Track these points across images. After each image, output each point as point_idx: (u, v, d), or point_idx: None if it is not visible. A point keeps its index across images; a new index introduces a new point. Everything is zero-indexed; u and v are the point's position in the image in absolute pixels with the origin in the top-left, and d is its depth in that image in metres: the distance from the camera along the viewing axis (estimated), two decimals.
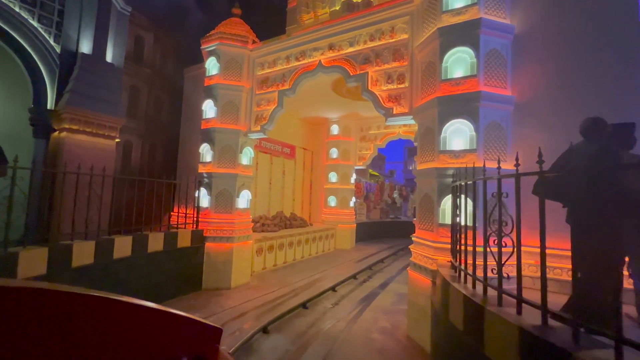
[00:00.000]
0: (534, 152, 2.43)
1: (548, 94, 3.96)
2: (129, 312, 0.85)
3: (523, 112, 4.01)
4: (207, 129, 6.68)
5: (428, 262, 4.07)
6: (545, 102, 3.96)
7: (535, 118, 3.99)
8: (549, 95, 3.95)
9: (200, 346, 0.96)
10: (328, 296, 6.15)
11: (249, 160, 7.03)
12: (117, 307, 0.84)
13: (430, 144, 4.29)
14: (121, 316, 0.84)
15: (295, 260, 9.08)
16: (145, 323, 0.88)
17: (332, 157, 11.99)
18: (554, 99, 3.92)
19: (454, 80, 4.07)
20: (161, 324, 0.91)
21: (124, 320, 0.84)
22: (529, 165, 2.50)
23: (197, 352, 0.94)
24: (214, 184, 6.49)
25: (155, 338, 0.89)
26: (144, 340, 0.87)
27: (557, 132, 3.85)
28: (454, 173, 3.92)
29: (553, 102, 3.93)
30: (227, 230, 6.41)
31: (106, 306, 0.82)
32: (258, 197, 9.79)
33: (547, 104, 3.95)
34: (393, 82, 5.13)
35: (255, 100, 6.81)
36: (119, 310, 0.84)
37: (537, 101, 4.00)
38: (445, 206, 4.02)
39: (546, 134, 3.90)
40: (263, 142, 10.04)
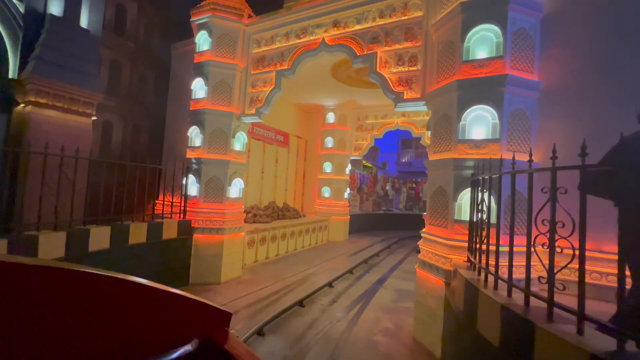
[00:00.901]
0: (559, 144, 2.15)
1: (577, 82, 3.61)
2: (142, 293, 0.87)
3: (548, 101, 3.67)
4: (197, 110, 6.10)
5: (440, 261, 3.74)
6: (574, 90, 3.61)
7: (562, 107, 3.66)
8: (577, 82, 3.61)
9: (211, 329, 0.97)
10: (325, 292, 5.81)
11: (242, 146, 6.51)
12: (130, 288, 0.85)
13: (446, 132, 3.91)
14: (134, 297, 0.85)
15: (288, 252, 8.70)
16: (157, 304, 0.89)
17: (327, 147, 11.55)
18: (583, 86, 3.58)
19: (477, 61, 3.67)
20: (173, 306, 0.92)
21: (137, 301, 0.85)
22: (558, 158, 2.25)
23: (208, 335, 0.95)
24: (203, 171, 5.96)
25: (167, 319, 0.90)
26: (156, 321, 0.88)
27: (586, 123, 3.53)
28: (474, 165, 3.57)
29: (582, 91, 3.59)
30: (217, 221, 5.94)
31: (120, 287, 0.83)
32: (250, 186, 9.29)
33: (576, 92, 3.61)
34: (404, 64, 4.70)
35: (250, 81, 6.26)
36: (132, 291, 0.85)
37: (564, 89, 3.65)
38: (462, 201, 3.67)
39: (574, 125, 3.57)
40: (256, 128, 9.49)
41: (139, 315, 0.86)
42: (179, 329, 0.92)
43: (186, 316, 0.95)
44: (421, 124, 10.64)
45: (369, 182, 17.03)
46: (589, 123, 3.50)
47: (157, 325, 0.88)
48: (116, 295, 0.82)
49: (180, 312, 0.94)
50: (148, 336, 0.86)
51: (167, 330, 0.90)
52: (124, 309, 0.83)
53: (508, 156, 3.46)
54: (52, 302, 0.72)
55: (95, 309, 0.78)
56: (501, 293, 2.37)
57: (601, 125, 3.44)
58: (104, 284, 0.81)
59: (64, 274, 0.75)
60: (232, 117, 6.10)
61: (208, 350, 0.94)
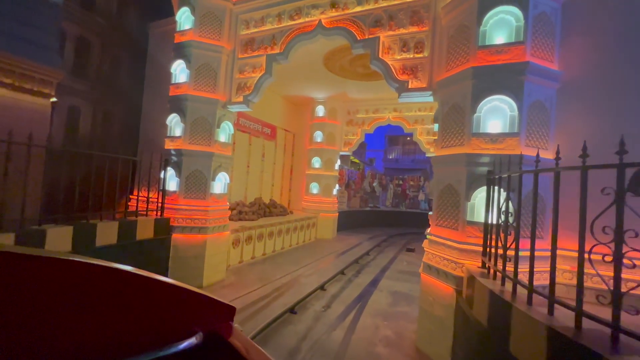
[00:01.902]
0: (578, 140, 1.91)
1: (598, 73, 3.35)
2: (149, 286, 0.87)
3: (567, 93, 3.39)
4: (177, 96, 5.49)
5: (450, 266, 3.41)
6: (595, 82, 3.35)
7: (581, 100, 3.39)
8: (598, 74, 3.35)
9: (215, 322, 0.99)
10: (317, 296, 5.42)
11: (228, 137, 5.96)
12: (137, 280, 0.86)
13: (457, 125, 3.56)
14: (141, 289, 0.86)
15: (275, 251, 8.24)
16: (164, 297, 0.90)
17: (316, 141, 11.10)
18: (604, 79, 3.33)
19: (494, 47, 3.33)
20: (179, 299, 0.93)
21: (144, 294, 0.86)
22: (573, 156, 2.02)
23: (212, 328, 0.97)
24: (184, 164, 5.38)
25: (173, 312, 0.92)
26: (163, 314, 0.90)
27: (607, 118, 3.28)
28: (489, 161, 3.25)
29: (603, 83, 3.33)
30: (199, 220, 5.39)
31: (127, 279, 0.84)
32: (234, 181, 8.72)
33: (596, 85, 3.35)
34: (409, 50, 4.31)
35: (237, 66, 5.69)
36: (139, 284, 0.86)
37: (584, 81, 3.38)
38: (475, 200, 3.35)
39: (594, 120, 3.31)
40: (241, 120, 8.91)
41: (146, 307, 0.87)
42: (184, 321, 0.93)
43: (192, 309, 0.96)
44: (413, 120, 10.40)
45: (356, 179, 16.75)
46: (611, 118, 3.25)
47: (163, 317, 0.90)
48: (124, 288, 0.83)
49: (186, 305, 0.95)
50: (155, 328, 0.88)
51: (173, 322, 0.91)
52: (131, 301, 0.84)
53: (526, 152, 3.18)
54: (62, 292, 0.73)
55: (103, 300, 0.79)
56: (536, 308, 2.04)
57: (623, 121, 3.21)
58: (112, 275, 0.82)
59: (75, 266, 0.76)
60: (217, 104, 5.54)
61: (213, 343, 0.95)
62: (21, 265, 0.69)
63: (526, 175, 2.65)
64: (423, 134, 10.20)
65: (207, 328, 0.96)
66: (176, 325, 0.92)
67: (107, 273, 0.81)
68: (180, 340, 0.88)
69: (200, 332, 0.93)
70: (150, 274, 0.88)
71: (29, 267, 0.69)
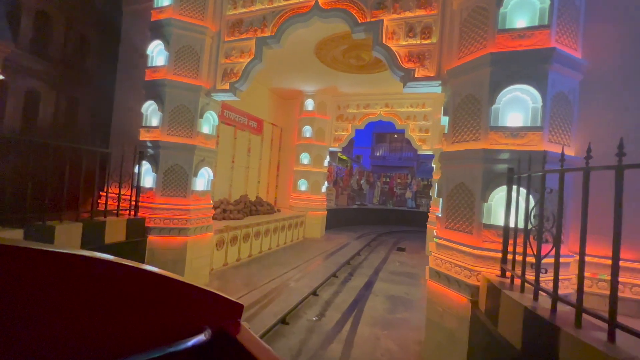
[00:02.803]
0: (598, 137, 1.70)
1: (622, 64, 3.10)
2: (158, 283, 0.88)
3: (588, 85, 3.12)
4: (154, 81, 4.88)
5: (463, 274, 3.08)
6: (618, 73, 3.10)
7: (603, 93, 3.14)
8: (623, 65, 3.10)
9: (223, 319, 1.00)
10: (309, 302, 5.01)
11: (212, 128, 5.41)
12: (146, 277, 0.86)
13: (472, 117, 3.22)
14: (151, 286, 0.87)
15: (262, 252, 7.75)
16: (172, 294, 0.91)
17: (304, 136, 10.64)
18: (630, 70, 3.09)
19: (516, 31, 3.00)
20: (187, 296, 0.94)
21: (153, 290, 0.87)
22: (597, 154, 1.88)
23: (220, 325, 0.97)
24: (162, 157, 4.80)
25: (182, 309, 0.93)
26: (171, 310, 0.91)
27: (632, 112, 3.04)
28: (508, 157, 2.93)
29: (629, 75, 3.09)
30: (179, 220, 4.84)
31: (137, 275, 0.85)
32: (218, 177, 8.14)
33: (621, 77, 3.10)
34: (415, 35, 3.94)
35: (223, 50, 5.14)
36: (148, 280, 0.87)
37: (607, 72, 3.12)
38: (492, 201, 3.02)
39: (617, 114, 3.07)
40: (226, 112, 8.33)
41: (155, 304, 0.87)
42: (193, 318, 0.94)
43: (200, 307, 0.97)
44: (405, 116, 10.14)
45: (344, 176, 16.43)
46: (635, 112, 3.02)
47: (172, 314, 0.91)
48: (133, 284, 0.83)
49: (195, 302, 0.95)
50: (164, 325, 0.89)
51: (182, 319, 0.92)
52: (140, 297, 0.85)
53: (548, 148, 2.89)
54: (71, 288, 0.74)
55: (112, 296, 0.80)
56: (591, 333, 1.72)
57: None
58: (121, 272, 0.82)
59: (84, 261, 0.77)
60: (199, 92, 4.97)
61: (221, 340, 0.95)
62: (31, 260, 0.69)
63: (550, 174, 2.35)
64: (415, 131, 9.97)
65: (215, 325, 0.96)
66: (185, 322, 0.93)
67: (116, 269, 0.82)
68: (189, 336, 0.88)
69: (209, 329, 0.94)
70: (159, 271, 0.89)
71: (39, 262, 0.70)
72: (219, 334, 0.95)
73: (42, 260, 0.70)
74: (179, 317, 0.92)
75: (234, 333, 0.96)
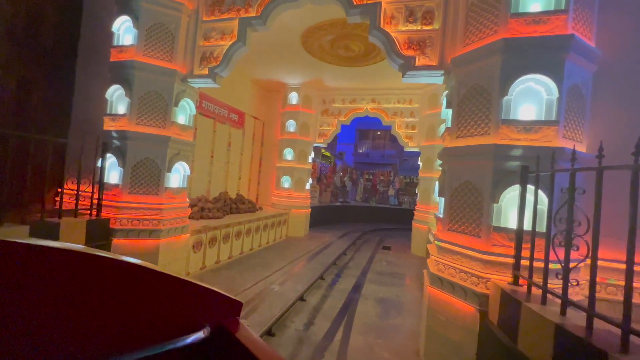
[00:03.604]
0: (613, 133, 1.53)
1: (637, 58, 2.94)
2: (156, 280, 0.88)
3: (599, 79, 2.93)
4: (121, 62, 4.29)
5: (470, 281, 2.82)
6: (633, 67, 2.93)
7: (615, 88, 2.96)
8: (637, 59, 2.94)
9: (222, 317, 1.00)
10: (296, 308, 4.64)
11: (188, 118, 4.88)
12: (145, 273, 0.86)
13: (480, 110, 2.95)
14: (149, 283, 0.87)
15: (243, 253, 7.28)
16: (171, 291, 0.91)
17: (288, 131, 10.19)
18: None
19: (530, 15, 2.75)
20: (186, 293, 0.94)
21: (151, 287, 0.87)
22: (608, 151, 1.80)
23: (219, 322, 0.97)
24: (130, 150, 4.24)
25: (180, 306, 0.93)
26: (170, 307, 0.91)
27: None
28: (522, 154, 2.68)
29: None
30: (150, 220, 4.30)
31: (135, 272, 0.84)
32: (196, 172, 7.56)
33: (635, 70, 2.93)
34: (416, 21, 3.63)
35: (202, 30, 4.62)
36: (146, 277, 0.87)
37: (620, 66, 2.94)
38: (503, 201, 2.77)
39: (630, 110, 2.90)
40: (205, 103, 7.74)
41: (154, 301, 0.87)
42: (192, 315, 0.94)
43: (199, 303, 0.97)
44: (392, 112, 9.92)
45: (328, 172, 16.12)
46: None
47: (171, 311, 0.91)
48: (133, 281, 0.84)
49: (193, 299, 0.95)
50: (163, 321, 0.89)
51: (181, 316, 0.92)
52: (140, 294, 0.85)
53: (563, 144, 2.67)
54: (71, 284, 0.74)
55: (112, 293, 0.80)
56: None
57: None
58: (121, 269, 0.83)
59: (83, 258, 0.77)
60: (174, 77, 4.43)
61: (220, 338, 0.95)
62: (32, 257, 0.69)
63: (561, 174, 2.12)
64: (402, 127, 9.78)
65: (214, 322, 0.95)
66: (184, 319, 0.92)
67: (116, 266, 0.82)
68: (187, 333, 0.87)
69: (208, 326, 0.93)
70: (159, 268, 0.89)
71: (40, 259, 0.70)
72: (218, 331, 0.95)
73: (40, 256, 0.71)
74: (178, 314, 0.92)
75: (233, 330, 0.96)
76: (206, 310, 0.97)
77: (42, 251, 0.71)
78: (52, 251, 0.72)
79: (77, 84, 5.60)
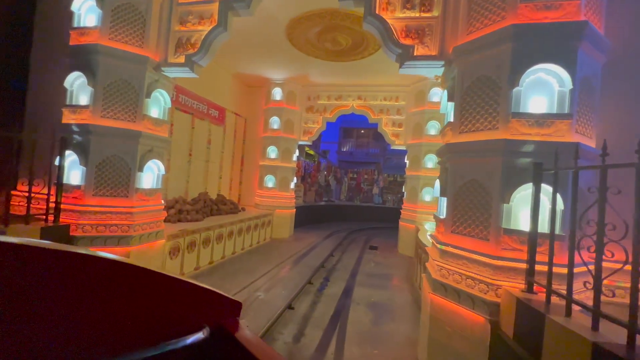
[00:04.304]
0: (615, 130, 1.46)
1: None
2: (157, 281, 0.87)
3: (607, 71, 2.79)
4: (82, 46, 3.77)
5: (478, 288, 2.59)
6: None
7: (624, 81, 2.82)
8: None
9: (222, 317, 0.99)
10: (284, 317, 4.30)
11: (162, 112, 4.40)
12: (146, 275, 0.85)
13: (487, 103, 2.73)
14: (150, 284, 0.86)
15: (225, 258, 6.83)
16: (170, 292, 0.90)
17: (272, 128, 9.78)
18: None
19: (541, 0, 2.54)
20: (186, 294, 0.93)
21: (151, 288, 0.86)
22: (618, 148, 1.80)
23: (219, 323, 0.97)
24: (94, 146, 3.73)
25: (181, 306, 0.92)
26: (170, 308, 0.90)
27: None
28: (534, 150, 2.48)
29: None
30: (119, 226, 3.81)
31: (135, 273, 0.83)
32: (173, 171, 7.04)
33: None
34: (414, 7, 3.38)
35: (177, 14, 4.16)
36: (148, 278, 0.86)
37: (629, 58, 2.81)
38: (513, 202, 2.56)
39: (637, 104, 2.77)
40: (182, 97, 7.21)
41: (154, 301, 0.86)
42: (191, 316, 0.93)
43: (198, 304, 0.96)
44: (378, 109, 9.73)
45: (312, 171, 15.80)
46: None
47: (171, 312, 0.90)
48: (132, 282, 0.82)
49: (193, 299, 0.95)
50: (162, 322, 0.88)
51: (180, 317, 0.91)
52: (139, 295, 0.84)
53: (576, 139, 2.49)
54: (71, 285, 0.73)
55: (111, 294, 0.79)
56: None
57: None
58: (121, 269, 0.81)
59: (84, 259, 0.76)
60: (145, 64, 3.96)
61: (219, 338, 0.95)
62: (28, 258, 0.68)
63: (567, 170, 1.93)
64: (389, 125, 9.61)
65: (214, 323, 0.95)
66: (184, 319, 0.91)
67: (115, 267, 0.81)
68: (188, 334, 0.87)
69: (208, 326, 0.93)
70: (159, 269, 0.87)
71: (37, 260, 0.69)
72: (217, 332, 0.94)
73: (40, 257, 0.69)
74: (178, 314, 0.91)
75: (233, 331, 0.95)
76: (206, 310, 0.97)
77: (40, 252, 0.70)
78: (50, 252, 0.71)
79: (32, 71, 4.93)
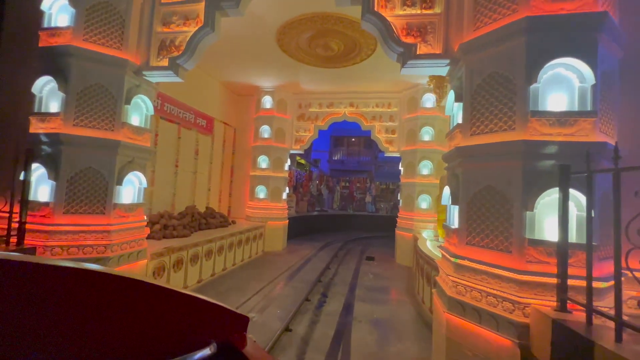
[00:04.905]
0: None
1: None
2: (161, 295, 0.86)
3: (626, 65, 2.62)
4: (53, 48, 3.42)
5: (502, 307, 2.31)
6: None
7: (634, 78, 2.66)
8: None
9: (229, 332, 0.97)
10: (282, 342, 3.91)
11: (144, 119, 4.05)
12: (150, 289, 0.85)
13: (501, 101, 2.51)
14: (154, 299, 0.85)
15: (215, 275, 6.39)
16: (177, 307, 0.89)
17: (262, 137, 9.47)
18: None
19: None
20: (192, 309, 0.92)
21: (157, 303, 0.85)
22: None
23: (226, 338, 0.95)
24: (65, 158, 3.34)
25: (186, 322, 0.91)
26: (176, 323, 0.89)
27: None
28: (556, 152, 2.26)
29: None
30: (94, 247, 3.40)
31: (140, 288, 0.82)
32: (158, 184, 6.62)
33: None
34: (415, 4, 3.18)
35: (160, 14, 3.86)
36: (154, 294, 0.85)
37: None
38: (537, 208, 2.31)
39: None
40: (167, 106, 6.85)
41: (160, 317, 0.86)
42: (198, 331, 0.92)
43: (205, 319, 0.95)
44: (371, 116, 9.57)
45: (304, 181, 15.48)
46: None
47: (176, 327, 0.89)
48: (138, 297, 0.82)
49: (199, 315, 0.94)
50: (168, 338, 0.87)
51: (187, 332, 0.90)
52: (145, 310, 0.83)
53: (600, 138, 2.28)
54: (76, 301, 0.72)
55: (117, 309, 0.79)
56: None
57: None
58: (126, 285, 0.81)
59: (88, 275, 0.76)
60: (125, 68, 3.62)
61: (227, 354, 0.93)
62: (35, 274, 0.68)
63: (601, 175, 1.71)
64: (382, 132, 9.44)
65: (220, 338, 0.93)
66: (190, 335, 0.90)
67: (121, 282, 0.80)
68: (194, 350, 0.86)
69: (214, 342, 0.90)
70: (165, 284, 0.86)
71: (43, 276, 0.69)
72: (224, 347, 0.92)
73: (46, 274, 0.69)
74: (184, 330, 0.89)
75: (240, 346, 0.93)
76: (212, 325, 0.95)
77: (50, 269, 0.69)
78: (59, 269, 0.71)
79: None
